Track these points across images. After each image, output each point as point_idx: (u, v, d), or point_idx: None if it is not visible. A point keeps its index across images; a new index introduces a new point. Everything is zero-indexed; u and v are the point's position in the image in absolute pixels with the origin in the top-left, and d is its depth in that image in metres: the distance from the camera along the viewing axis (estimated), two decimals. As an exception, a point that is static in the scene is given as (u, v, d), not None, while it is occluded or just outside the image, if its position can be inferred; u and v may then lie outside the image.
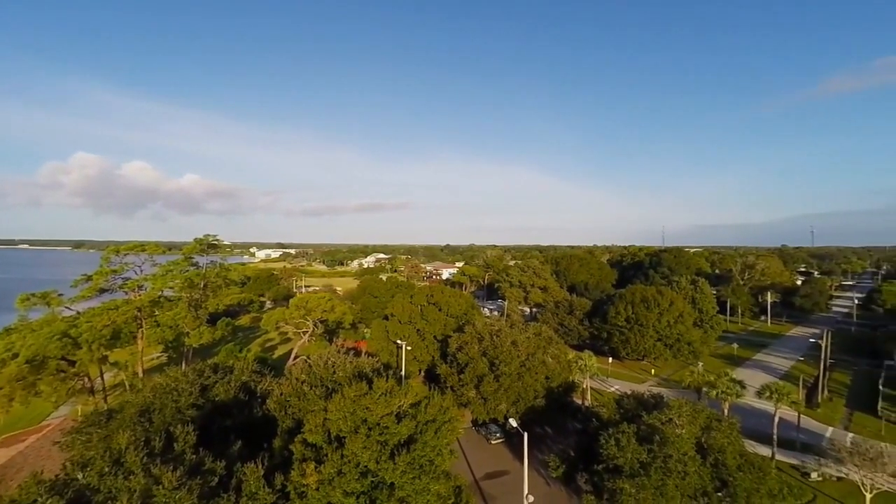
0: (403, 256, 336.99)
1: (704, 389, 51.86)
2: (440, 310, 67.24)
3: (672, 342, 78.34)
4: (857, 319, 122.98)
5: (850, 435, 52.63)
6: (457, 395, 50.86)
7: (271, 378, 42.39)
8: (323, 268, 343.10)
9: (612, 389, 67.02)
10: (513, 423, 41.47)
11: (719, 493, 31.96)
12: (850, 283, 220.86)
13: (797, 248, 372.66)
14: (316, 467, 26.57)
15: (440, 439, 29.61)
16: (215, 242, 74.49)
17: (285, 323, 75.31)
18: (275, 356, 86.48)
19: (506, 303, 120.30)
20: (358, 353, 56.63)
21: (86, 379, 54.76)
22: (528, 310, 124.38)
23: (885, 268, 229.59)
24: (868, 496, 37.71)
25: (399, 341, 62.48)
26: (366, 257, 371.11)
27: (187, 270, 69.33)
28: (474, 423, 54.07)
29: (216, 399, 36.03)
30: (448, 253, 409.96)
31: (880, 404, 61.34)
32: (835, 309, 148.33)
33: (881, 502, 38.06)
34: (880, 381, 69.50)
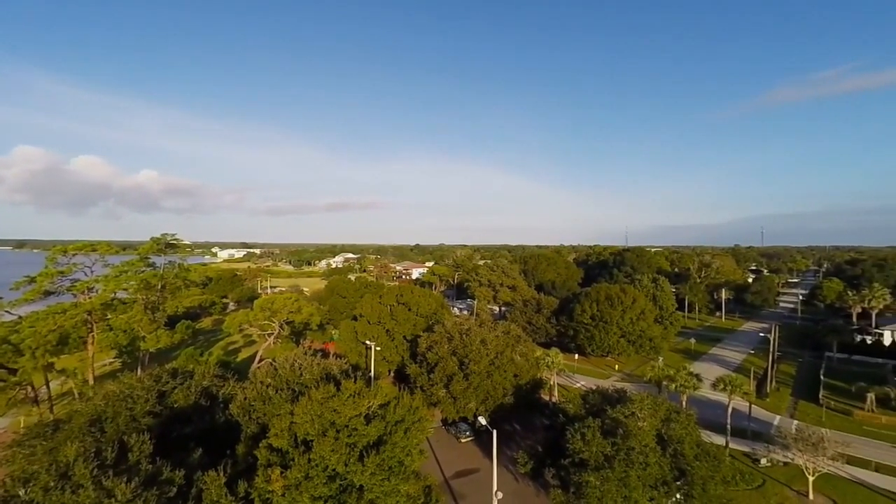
0: (373, 256, 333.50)
1: (664, 383, 53.99)
2: (410, 310, 66.98)
3: (635, 338, 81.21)
4: (801, 314, 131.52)
5: (795, 422, 56.17)
6: (426, 395, 50.80)
7: (234, 382, 40.96)
8: (290, 268, 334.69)
9: (579, 385, 68.79)
10: (482, 421, 41.83)
11: (678, 482, 33.38)
12: (796, 280, 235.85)
13: (749, 247, 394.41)
14: (282, 472, 25.92)
15: (410, 440, 29.52)
16: (174, 242, 71.15)
17: (249, 325, 73.04)
18: (238, 359, 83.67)
19: (475, 302, 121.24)
20: (326, 355, 55.63)
21: (29, 388, 51.03)
22: (498, 308, 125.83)
23: (825, 266, 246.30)
24: (811, 479, 40.40)
25: (368, 342, 61.80)
26: (334, 257, 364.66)
27: (143, 271, 65.94)
28: (444, 422, 54.19)
29: (175, 406, 34.51)
30: (418, 253, 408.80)
31: (822, 393, 65.88)
32: (782, 305, 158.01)
33: (822, 483, 40.86)
34: (821, 372, 74.73)
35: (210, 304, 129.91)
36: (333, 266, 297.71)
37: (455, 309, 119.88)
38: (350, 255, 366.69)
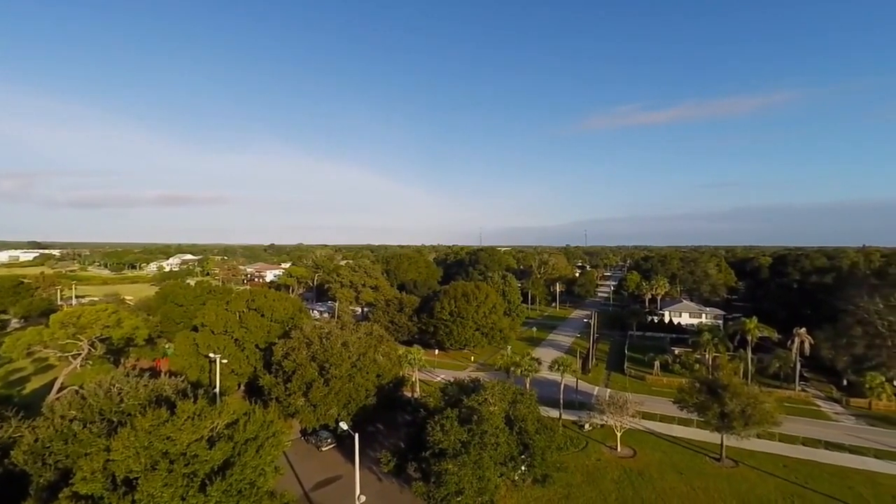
0: (217, 257, 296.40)
1: (511, 369, 60.45)
2: (263, 315, 61.59)
3: (487, 330, 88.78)
4: (613, 302, 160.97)
5: (608, 391, 68.41)
6: (283, 406, 47.48)
7: (19, 421, 32.14)
8: (106, 272, 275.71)
9: (439, 379, 72.17)
10: (343, 426, 40.81)
11: (522, 456, 37.73)
12: (609, 274, 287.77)
13: (576, 246, 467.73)
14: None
15: (263, 457, 27.20)
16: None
17: (44, 346, 58.09)
18: (26, 391, 65.96)
19: (337, 304, 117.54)
20: (156, 374, 47.64)
21: None
22: (360, 309, 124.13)
23: (629, 262, 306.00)
24: (619, 435, 49.75)
25: (212, 354, 54.84)
26: (168, 259, 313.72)
27: None
28: (303, 432, 51.31)
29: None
30: (272, 253, 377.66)
31: (626, 365, 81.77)
32: (600, 294, 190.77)
33: (626, 437, 50.59)
34: (626, 347, 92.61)
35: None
36: (167, 269, 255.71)
37: (315, 312, 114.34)
38: (189, 257, 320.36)
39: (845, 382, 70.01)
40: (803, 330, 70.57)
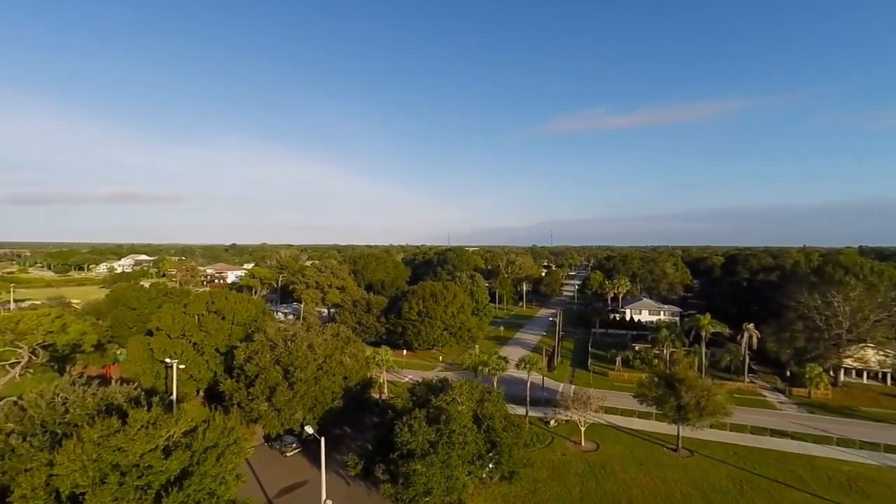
0: (174, 258, 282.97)
1: (479, 368, 61.00)
2: (224, 318, 59.35)
3: (455, 330, 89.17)
4: (577, 300, 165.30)
5: (573, 387, 70.18)
6: (245, 412, 45.92)
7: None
8: (49, 274, 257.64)
9: (407, 380, 71.86)
10: (309, 430, 39.94)
11: (490, 454, 38.14)
12: (573, 273, 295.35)
13: (542, 246, 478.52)
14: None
15: (223, 466, 26.24)
16: None
17: (-24, 354, 53.74)
18: (-44, 403, 60.60)
19: (302, 305, 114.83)
20: (106, 382, 45.02)
21: None
22: (326, 311, 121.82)
23: (592, 262, 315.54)
24: (583, 430, 51.19)
25: (169, 359, 52.37)
26: (119, 260, 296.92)
27: None
28: (267, 437, 49.80)
29: None
30: (234, 253, 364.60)
31: (590, 361, 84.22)
32: (565, 293, 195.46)
33: (590, 432, 52.11)
34: (589, 345, 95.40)
35: None
36: (119, 271, 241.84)
37: (279, 314, 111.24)
38: (143, 257, 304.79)
39: (788, 373, 74.92)
40: (751, 325, 75.05)
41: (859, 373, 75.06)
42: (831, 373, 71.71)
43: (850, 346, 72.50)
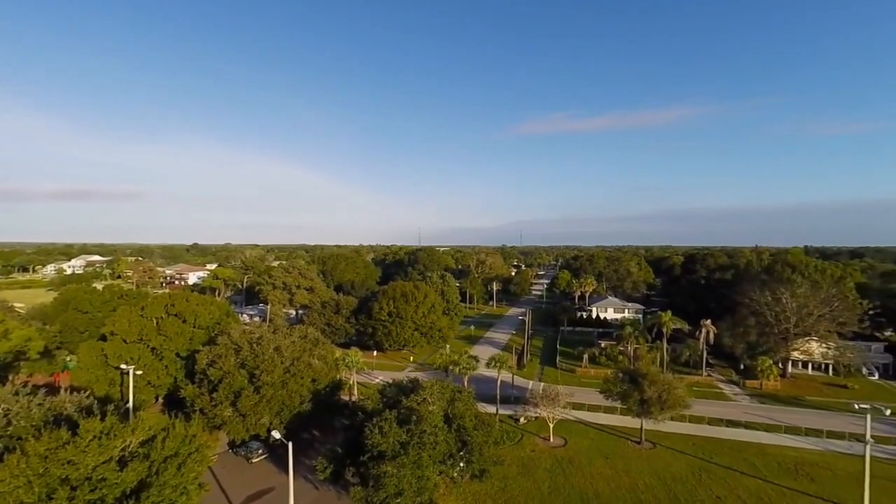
0: (131, 258, 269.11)
1: (450, 367, 61.23)
2: (185, 321, 57.01)
3: (426, 330, 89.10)
4: (546, 299, 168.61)
5: (542, 384, 71.59)
6: (208, 418, 44.34)
7: None
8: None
9: (377, 381, 71.19)
10: (276, 434, 38.93)
11: (461, 453, 38.34)
12: (542, 272, 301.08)
13: (512, 246, 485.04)
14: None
15: (185, 475, 25.23)
16: None
17: None
18: None
19: (269, 307, 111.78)
20: (54, 391, 42.34)
21: None
22: (294, 312, 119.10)
23: (560, 261, 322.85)
24: (551, 426, 52.27)
25: (124, 365, 49.76)
26: (69, 260, 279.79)
27: None
28: (231, 444, 48.19)
29: None
30: (196, 254, 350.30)
31: (558, 359, 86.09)
32: (534, 292, 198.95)
33: (558, 428, 53.29)
34: (557, 342, 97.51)
35: None
36: (69, 272, 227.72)
37: (244, 316, 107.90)
38: (96, 258, 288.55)
39: (742, 366, 79.14)
40: (709, 321, 78.77)
41: (805, 364, 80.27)
42: (780, 365, 76.25)
43: (797, 339, 77.33)
